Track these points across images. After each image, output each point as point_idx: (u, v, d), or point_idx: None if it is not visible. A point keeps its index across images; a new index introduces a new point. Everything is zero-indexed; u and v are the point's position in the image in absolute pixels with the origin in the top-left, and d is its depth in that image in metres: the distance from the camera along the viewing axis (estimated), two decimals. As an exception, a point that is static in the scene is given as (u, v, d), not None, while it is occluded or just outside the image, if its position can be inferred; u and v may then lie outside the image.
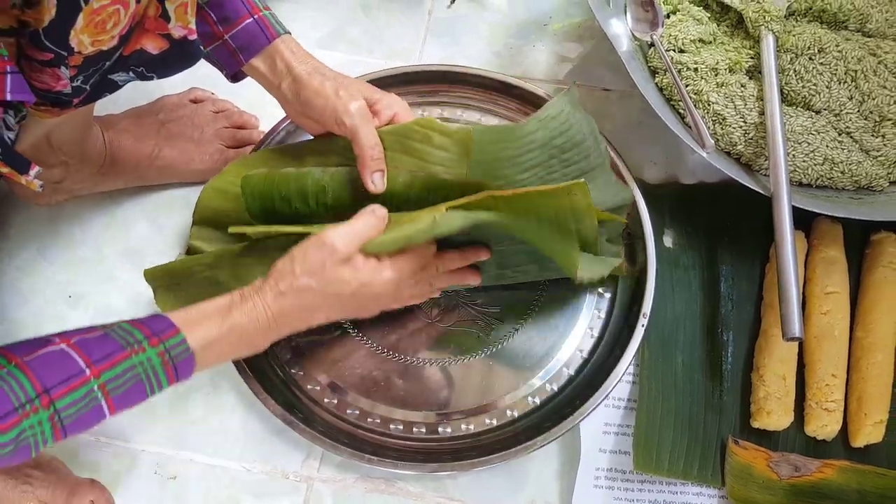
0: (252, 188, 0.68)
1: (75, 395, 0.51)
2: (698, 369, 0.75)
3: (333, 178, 0.68)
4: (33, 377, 0.51)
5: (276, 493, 0.72)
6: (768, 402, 0.71)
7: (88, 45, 0.52)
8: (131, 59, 0.57)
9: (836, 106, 0.77)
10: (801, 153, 0.76)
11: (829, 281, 0.75)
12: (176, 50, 0.59)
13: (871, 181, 0.77)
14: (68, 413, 0.51)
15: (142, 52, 0.57)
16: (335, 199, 0.68)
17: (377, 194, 0.66)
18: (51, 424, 0.51)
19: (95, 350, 0.53)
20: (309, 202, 0.68)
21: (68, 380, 0.51)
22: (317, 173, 0.68)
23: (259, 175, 0.68)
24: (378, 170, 0.67)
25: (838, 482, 0.69)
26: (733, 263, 0.79)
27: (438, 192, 0.66)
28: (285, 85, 0.69)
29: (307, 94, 0.68)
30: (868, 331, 0.74)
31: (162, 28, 0.58)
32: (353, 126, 0.67)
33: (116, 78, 0.58)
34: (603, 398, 0.70)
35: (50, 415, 0.51)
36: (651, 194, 0.79)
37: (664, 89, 0.80)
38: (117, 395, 0.53)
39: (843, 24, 0.82)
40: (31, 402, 0.50)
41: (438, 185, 0.66)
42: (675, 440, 0.71)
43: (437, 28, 0.96)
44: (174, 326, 0.56)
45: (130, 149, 0.81)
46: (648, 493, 0.71)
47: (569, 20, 0.96)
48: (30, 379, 0.50)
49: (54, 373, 0.51)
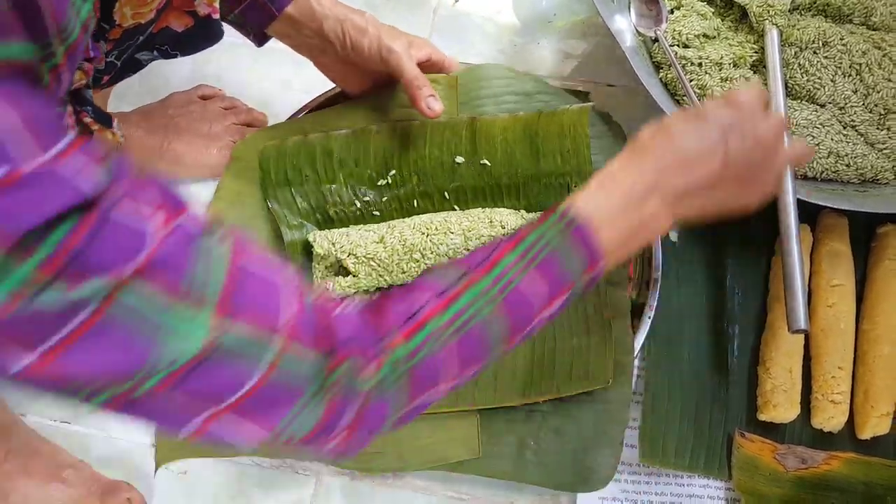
0: (268, 160, 0.76)
1: (499, 270, 0.49)
2: (704, 363, 0.75)
3: (337, 141, 0.75)
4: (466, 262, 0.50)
5: (286, 487, 0.73)
6: (775, 395, 0.71)
7: (129, 17, 0.53)
8: (158, 36, 0.58)
9: (840, 99, 0.78)
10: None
11: (835, 274, 0.75)
12: (199, 28, 0.60)
13: (876, 174, 0.78)
14: (504, 281, 0.48)
15: (167, 29, 0.58)
16: (340, 159, 0.76)
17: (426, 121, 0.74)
18: (500, 290, 0.48)
19: (478, 254, 0.51)
20: (317, 167, 0.76)
21: (481, 262, 0.50)
22: (321, 139, 0.76)
23: (274, 146, 0.76)
24: (430, 94, 0.71)
25: (845, 474, 0.70)
26: (739, 257, 0.79)
27: (434, 135, 0.76)
28: (328, 25, 0.70)
29: (354, 33, 0.70)
30: (874, 323, 0.74)
31: (188, 5, 0.59)
32: (398, 61, 0.70)
33: (141, 57, 0.59)
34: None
35: (491, 282, 0.48)
36: (656, 189, 0.80)
37: (668, 84, 0.80)
38: (538, 263, 0.49)
39: (848, 18, 0.82)
40: (464, 275, 0.48)
41: (433, 128, 0.76)
42: (682, 433, 0.72)
43: (442, 26, 0.96)
44: (554, 204, 0.53)
45: (140, 142, 0.82)
46: (655, 486, 0.72)
47: (573, 17, 0.96)
48: (456, 266, 0.50)
49: (449, 272, 0.50)
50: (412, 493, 0.72)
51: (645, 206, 0.53)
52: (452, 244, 0.72)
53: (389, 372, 0.45)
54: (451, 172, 0.76)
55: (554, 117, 0.76)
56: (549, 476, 0.69)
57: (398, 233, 0.73)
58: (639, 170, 0.53)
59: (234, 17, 0.69)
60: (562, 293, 0.51)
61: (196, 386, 0.38)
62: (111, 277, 0.34)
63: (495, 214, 0.74)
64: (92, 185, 0.34)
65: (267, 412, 0.41)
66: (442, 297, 0.47)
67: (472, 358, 0.48)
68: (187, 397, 0.38)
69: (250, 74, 0.92)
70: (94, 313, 0.34)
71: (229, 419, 0.40)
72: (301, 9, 0.69)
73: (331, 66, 0.75)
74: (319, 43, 0.72)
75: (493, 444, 0.70)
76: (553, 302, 0.51)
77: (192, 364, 0.37)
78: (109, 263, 0.34)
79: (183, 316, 0.37)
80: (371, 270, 0.73)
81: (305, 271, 0.77)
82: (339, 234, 0.75)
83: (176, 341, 0.37)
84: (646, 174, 0.53)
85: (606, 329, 0.71)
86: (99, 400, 0.37)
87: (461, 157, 0.76)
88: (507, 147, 0.76)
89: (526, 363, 0.72)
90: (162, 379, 0.37)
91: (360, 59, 0.71)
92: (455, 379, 0.48)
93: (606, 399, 0.70)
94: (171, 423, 0.40)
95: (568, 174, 0.76)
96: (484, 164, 0.76)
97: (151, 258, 0.35)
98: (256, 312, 0.40)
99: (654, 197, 0.53)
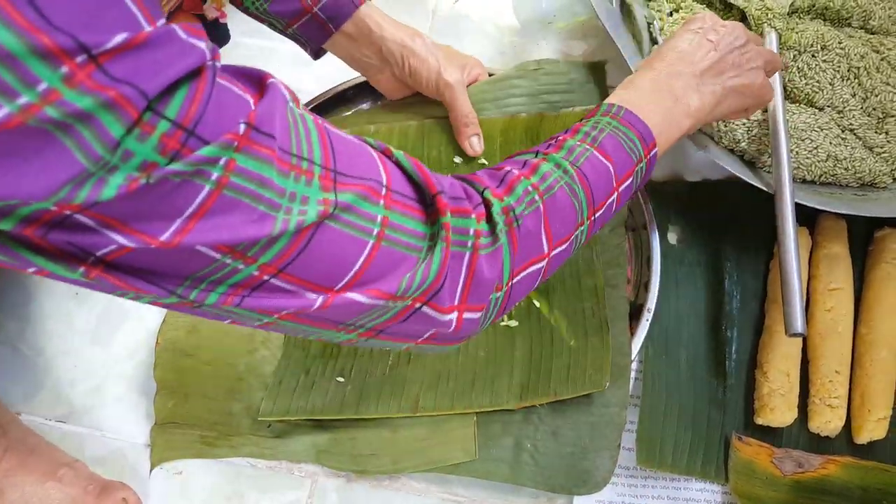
0: None
1: (567, 145, 0.53)
2: (702, 366, 0.75)
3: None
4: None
5: (281, 488, 0.73)
6: (772, 399, 0.71)
7: None
8: None
9: (839, 103, 0.78)
10: (804, 150, 0.76)
11: (833, 277, 0.75)
12: (207, 32, 0.60)
13: (874, 178, 0.77)
14: (573, 157, 0.52)
15: None
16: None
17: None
18: (568, 163, 0.51)
19: (560, 135, 0.55)
20: None
21: (549, 144, 0.54)
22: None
23: None
24: (474, 133, 0.76)
25: (842, 478, 0.69)
26: (737, 260, 0.79)
27: (433, 135, 0.77)
28: (387, 48, 0.73)
29: (413, 61, 0.74)
30: (872, 327, 0.74)
31: (197, 8, 0.60)
32: (452, 97, 0.74)
33: None
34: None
35: (560, 157, 0.51)
36: (655, 191, 0.80)
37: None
38: (599, 143, 0.53)
39: (847, 22, 0.82)
40: (535, 158, 0.52)
41: (432, 129, 0.77)
42: (679, 436, 0.71)
43: (442, 26, 0.96)
44: (594, 109, 0.57)
45: None
46: (652, 489, 0.71)
47: (573, 18, 0.96)
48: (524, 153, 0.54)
49: (540, 146, 0.54)
50: (408, 495, 0.72)
51: (673, 87, 0.58)
52: None
53: (495, 222, 0.46)
54: (451, 172, 0.76)
55: (557, 120, 0.76)
56: (545, 478, 0.69)
57: None
58: (653, 70, 0.59)
59: (292, 31, 0.72)
60: (629, 171, 0.54)
61: (319, 252, 0.38)
62: (227, 142, 0.33)
63: None
64: (203, 49, 0.33)
65: (387, 276, 0.42)
66: (524, 168, 0.50)
67: (563, 221, 0.50)
68: (318, 265, 0.39)
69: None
70: (218, 183, 0.34)
71: (355, 288, 0.41)
72: (360, 28, 0.72)
73: (388, 86, 0.78)
74: (378, 62, 0.75)
75: (490, 447, 0.70)
76: (623, 179, 0.54)
77: (311, 229, 0.38)
78: (224, 128, 0.34)
79: (298, 181, 0.37)
80: None
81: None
82: None
83: (295, 206, 0.37)
84: (660, 70, 0.59)
85: (604, 331, 0.71)
86: (235, 277, 0.37)
87: (459, 158, 0.76)
88: (508, 148, 0.76)
89: (523, 366, 0.72)
90: (285, 245, 0.37)
91: (417, 85, 0.76)
92: (553, 247, 0.50)
93: (604, 402, 0.70)
94: (299, 297, 0.40)
95: None
96: (483, 164, 0.76)
97: (258, 122, 0.35)
98: (359, 173, 0.41)
99: (677, 80, 0.58)
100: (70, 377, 0.78)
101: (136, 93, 0.30)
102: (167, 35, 0.31)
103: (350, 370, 0.73)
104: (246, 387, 0.74)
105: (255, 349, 0.75)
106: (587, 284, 0.74)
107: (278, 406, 0.72)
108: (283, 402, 0.72)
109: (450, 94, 0.75)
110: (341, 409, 0.71)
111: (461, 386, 0.72)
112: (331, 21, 0.71)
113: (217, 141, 0.33)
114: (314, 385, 0.73)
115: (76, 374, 0.79)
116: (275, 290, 0.39)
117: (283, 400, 0.72)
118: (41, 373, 0.79)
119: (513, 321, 0.74)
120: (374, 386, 0.72)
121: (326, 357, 0.75)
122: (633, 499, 0.71)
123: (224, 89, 0.35)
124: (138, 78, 0.30)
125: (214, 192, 0.34)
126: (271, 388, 0.73)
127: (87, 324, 0.81)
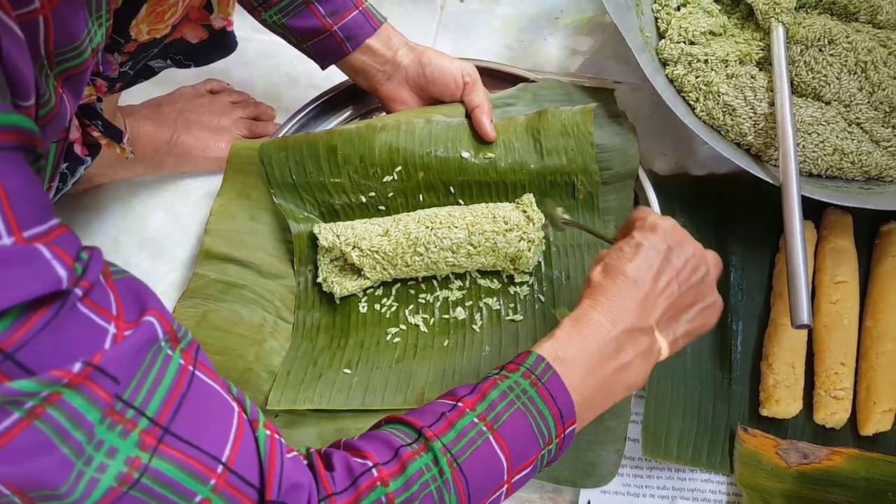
0: (269, 157, 0.76)
1: (458, 427, 0.47)
2: (707, 358, 0.75)
3: (342, 137, 0.76)
4: (412, 420, 0.47)
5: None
6: (777, 390, 0.71)
7: (145, 33, 0.54)
8: (171, 47, 0.59)
9: (845, 97, 0.78)
10: (810, 143, 0.77)
11: (839, 271, 0.75)
12: (214, 40, 0.61)
13: (881, 171, 0.78)
14: (459, 448, 0.46)
15: (182, 40, 0.59)
16: (344, 158, 0.76)
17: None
18: (446, 460, 0.45)
19: (459, 391, 0.50)
20: (321, 164, 0.76)
21: (443, 415, 0.47)
22: (324, 136, 0.76)
23: (274, 143, 0.76)
24: (492, 121, 0.76)
25: (847, 469, 0.70)
26: (743, 254, 0.79)
27: (440, 133, 0.77)
28: (402, 53, 0.75)
29: (428, 56, 0.76)
30: (877, 320, 0.74)
31: (204, 18, 0.60)
32: (474, 85, 0.76)
33: (154, 64, 0.60)
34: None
35: (441, 448, 0.45)
36: (661, 185, 0.80)
37: (674, 81, 0.81)
38: (501, 425, 0.47)
39: (854, 16, 0.82)
40: (415, 442, 0.46)
41: (439, 127, 0.77)
42: (684, 427, 0.72)
43: (450, 21, 0.97)
44: (525, 351, 0.52)
45: (149, 135, 0.83)
46: (657, 480, 0.72)
47: (580, 15, 0.96)
48: (409, 423, 0.47)
49: (426, 412, 0.48)
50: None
51: (622, 350, 0.52)
52: (456, 238, 0.72)
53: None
54: (458, 168, 0.77)
55: (555, 117, 0.76)
56: (549, 470, 0.69)
57: (403, 226, 0.74)
58: (603, 312, 0.52)
59: (307, 47, 0.74)
60: (529, 460, 0.48)
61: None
62: (53, 379, 0.31)
63: (498, 210, 0.74)
64: (61, 276, 0.32)
65: None
66: (388, 466, 0.44)
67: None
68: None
69: (258, 69, 0.93)
70: (30, 413, 0.31)
71: None
72: (381, 40, 0.74)
73: (394, 93, 0.78)
74: (390, 69, 0.76)
75: None
76: (519, 470, 0.48)
77: (115, 492, 0.34)
78: (56, 363, 0.32)
79: (113, 429, 0.34)
80: (375, 263, 0.74)
81: (311, 263, 0.78)
82: (344, 226, 0.75)
83: (98, 456, 0.33)
84: (611, 314, 0.52)
85: None
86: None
87: (467, 153, 0.77)
88: (511, 145, 0.76)
89: None
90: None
91: (435, 79, 0.76)
92: None
93: None
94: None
95: (574, 172, 0.76)
96: (489, 157, 0.76)
97: (104, 362, 0.33)
98: (199, 441, 0.36)
99: (627, 339, 0.52)
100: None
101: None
102: (25, 254, 0.30)
103: (357, 362, 0.74)
104: (254, 377, 0.74)
105: (264, 340, 0.76)
106: None
107: (286, 396, 0.72)
108: (291, 392, 0.73)
109: (471, 81, 0.76)
110: (348, 400, 0.72)
111: (466, 380, 0.72)
112: (349, 40, 0.73)
113: (41, 376, 0.31)
114: (321, 376, 0.73)
115: (87, 364, 0.80)
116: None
117: (290, 390, 0.73)
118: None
119: (518, 315, 0.75)
120: (380, 378, 0.73)
121: (334, 349, 0.75)
122: (638, 489, 0.71)
123: (78, 319, 0.33)
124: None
125: (23, 420, 0.31)
126: (279, 378, 0.73)
127: (99, 314, 0.82)
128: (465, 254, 0.73)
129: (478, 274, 0.77)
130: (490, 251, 0.73)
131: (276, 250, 0.79)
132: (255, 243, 0.79)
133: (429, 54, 0.76)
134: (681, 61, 0.80)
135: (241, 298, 0.77)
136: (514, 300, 0.76)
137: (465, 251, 0.73)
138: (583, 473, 0.68)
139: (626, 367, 0.52)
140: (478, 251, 0.73)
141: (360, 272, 0.75)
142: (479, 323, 0.75)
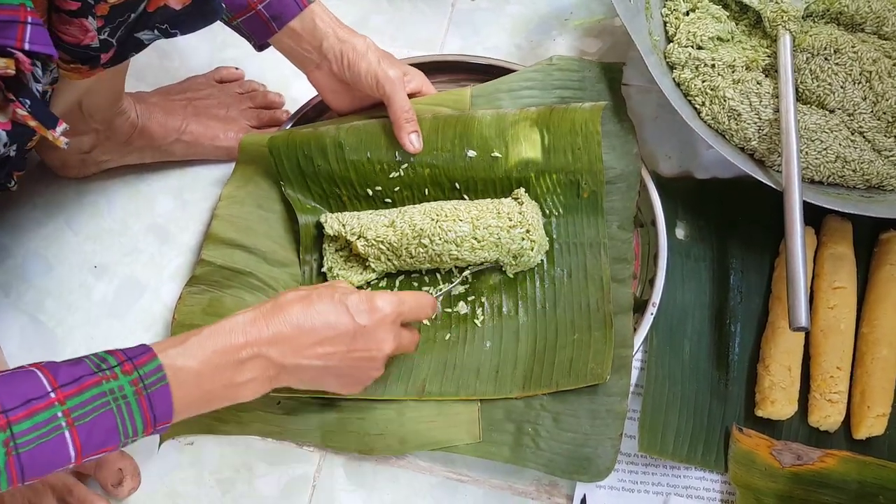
0: (278, 149, 0.78)
1: (37, 420, 0.45)
2: (705, 358, 0.76)
3: (349, 133, 0.77)
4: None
5: (289, 461, 0.74)
6: (773, 392, 0.72)
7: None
8: (156, 15, 0.58)
9: (849, 105, 0.79)
10: (813, 150, 0.78)
11: (837, 276, 0.76)
12: (197, 6, 0.60)
13: (882, 180, 0.79)
14: (26, 440, 0.45)
15: (165, 7, 0.58)
16: (352, 151, 0.77)
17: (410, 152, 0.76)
18: (5, 451, 0.44)
19: (63, 373, 0.48)
20: (328, 158, 0.77)
21: (29, 402, 0.45)
22: (332, 131, 0.77)
23: (282, 136, 0.78)
24: (413, 131, 0.75)
25: (839, 472, 0.71)
26: (743, 257, 0.80)
27: (447, 129, 0.77)
28: (328, 44, 0.73)
29: (353, 55, 0.73)
30: (873, 326, 0.75)
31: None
32: (392, 90, 0.73)
33: (142, 36, 0.59)
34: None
35: (5, 439, 0.44)
36: (665, 187, 0.81)
37: (681, 85, 0.82)
38: (83, 424, 0.47)
39: (860, 27, 0.84)
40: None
41: (446, 122, 0.77)
42: (680, 425, 0.73)
43: (460, 19, 0.98)
44: (150, 351, 0.51)
45: (159, 122, 0.84)
46: (652, 476, 0.73)
47: (590, 17, 0.97)
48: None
49: (15, 393, 0.45)
50: (414, 473, 0.74)
51: (243, 371, 0.55)
52: (461, 231, 0.73)
53: None
54: (464, 165, 0.77)
55: (566, 114, 0.77)
56: (546, 461, 0.70)
57: (408, 217, 0.74)
58: (253, 334, 0.55)
59: (236, 24, 0.72)
60: (102, 451, 0.49)
61: None
62: None
63: (503, 206, 0.75)
64: None
65: None
66: None
67: None
68: None
69: (267, 59, 0.93)
70: None
71: None
72: (304, 24, 0.72)
73: (323, 82, 0.77)
74: (316, 58, 0.75)
75: (493, 430, 0.71)
76: (88, 456, 0.48)
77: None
78: None
79: None
80: (380, 254, 0.75)
81: (316, 252, 0.79)
82: (350, 216, 0.76)
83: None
84: (261, 341, 0.55)
85: (608, 326, 0.72)
86: None
87: (473, 152, 0.77)
88: (518, 141, 0.77)
89: (527, 358, 0.73)
90: None
91: (355, 80, 0.75)
92: None
93: (605, 391, 0.71)
94: None
95: (578, 171, 0.77)
96: (495, 156, 0.77)
97: None
98: None
99: (257, 363, 0.55)
100: (87, 349, 0.79)
101: None
102: None
103: None
104: (258, 363, 0.75)
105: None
106: (594, 279, 0.75)
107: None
108: None
109: (389, 87, 0.73)
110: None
111: (466, 374, 0.73)
112: (274, 20, 0.71)
113: None
114: (324, 364, 0.74)
115: (93, 345, 0.80)
116: None
117: None
118: (59, 343, 0.81)
119: (519, 311, 0.76)
120: None
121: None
122: (633, 485, 0.72)
123: None
124: None
125: None
126: (283, 364, 0.74)
127: (105, 297, 0.83)
128: (469, 247, 0.74)
129: (480, 269, 0.78)
130: (494, 246, 0.74)
131: (282, 239, 0.80)
132: (262, 230, 0.80)
133: (351, 54, 0.73)
134: (688, 65, 0.81)
135: (247, 285, 0.78)
136: (516, 297, 0.77)
137: (469, 245, 0.74)
138: (580, 467, 0.69)
139: (242, 386, 0.55)
140: (482, 245, 0.74)
141: (365, 264, 0.76)
142: (480, 318, 0.76)
